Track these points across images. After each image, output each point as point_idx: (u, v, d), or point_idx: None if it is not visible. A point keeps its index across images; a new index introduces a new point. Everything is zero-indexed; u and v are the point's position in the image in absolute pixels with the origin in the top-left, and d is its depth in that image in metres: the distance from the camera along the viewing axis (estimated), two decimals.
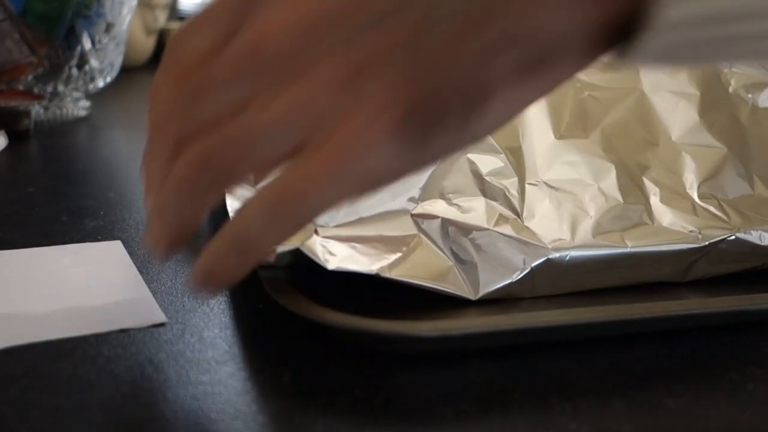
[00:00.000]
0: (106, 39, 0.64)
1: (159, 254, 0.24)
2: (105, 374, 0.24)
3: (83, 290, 0.30)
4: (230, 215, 0.28)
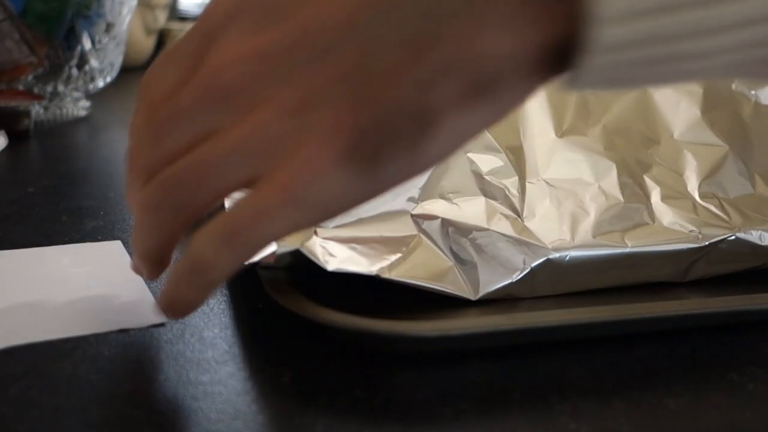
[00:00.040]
0: (106, 39, 0.64)
1: (147, 277, 0.26)
2: (105, 374, 0.24)
3: (83, 290, 0.30)
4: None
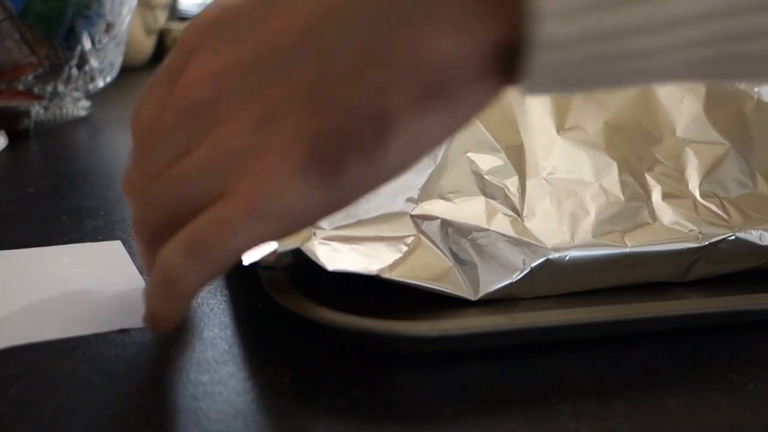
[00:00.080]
0: (106, 39, 0.64)
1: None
2: (105, 374, 0.24)
3: (83, 290, 0.30)
4: None
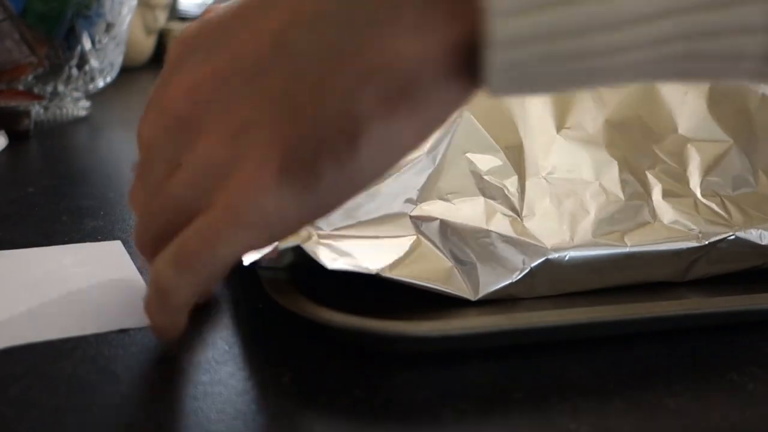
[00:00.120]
0: (106, 39, 0.64)
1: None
2: (105, 374, 0.24)
3: (83, 290, 0.30)
4: None
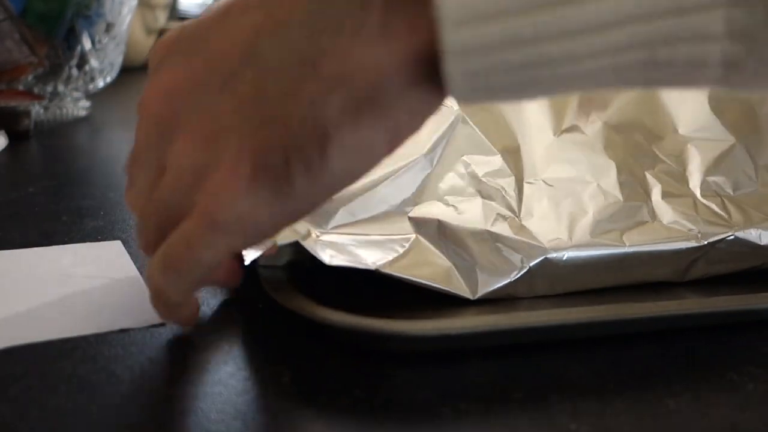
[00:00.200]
0: (106, 39, 0.64)
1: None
2: (105, 374, 0.24)
3: (83, 290, 0.30)
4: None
